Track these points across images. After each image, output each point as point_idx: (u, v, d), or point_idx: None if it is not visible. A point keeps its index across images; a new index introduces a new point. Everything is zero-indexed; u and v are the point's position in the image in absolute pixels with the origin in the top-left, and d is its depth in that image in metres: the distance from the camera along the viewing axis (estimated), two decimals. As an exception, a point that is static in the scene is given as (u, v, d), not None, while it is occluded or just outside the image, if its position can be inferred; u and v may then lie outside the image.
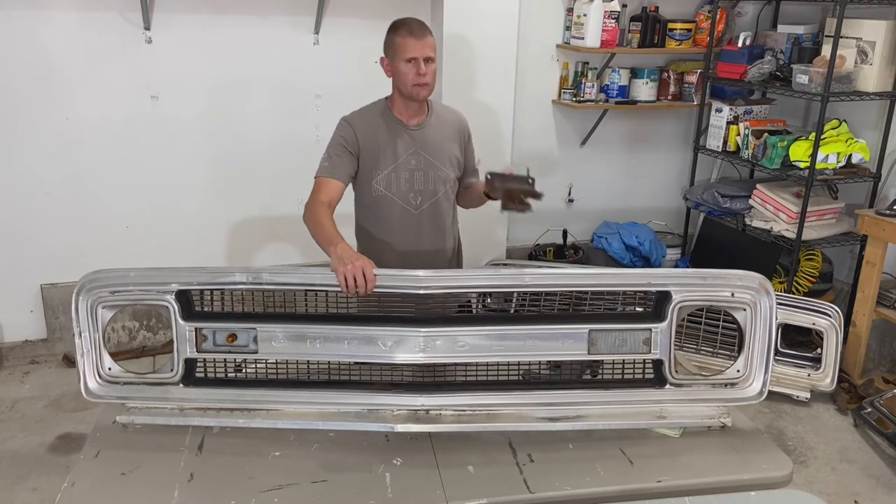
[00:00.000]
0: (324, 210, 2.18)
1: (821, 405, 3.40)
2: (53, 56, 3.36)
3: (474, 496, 1.65)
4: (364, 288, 1.83)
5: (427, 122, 2.38)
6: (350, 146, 2.31)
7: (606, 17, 3.87)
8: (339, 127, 2.35)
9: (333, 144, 2.33)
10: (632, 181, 4.57)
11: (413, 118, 2.36)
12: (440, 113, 2.44)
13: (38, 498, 2.70)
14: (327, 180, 2.28)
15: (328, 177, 2.28)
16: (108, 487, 1.67)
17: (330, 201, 2.24)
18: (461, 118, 2.49)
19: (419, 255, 2.40)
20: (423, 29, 2.26)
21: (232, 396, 1.90)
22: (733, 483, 1.74)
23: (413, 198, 2.38)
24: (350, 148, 2.31)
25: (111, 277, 1.85)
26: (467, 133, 2.49)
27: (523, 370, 2.00)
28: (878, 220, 3.44)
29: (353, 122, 2.34)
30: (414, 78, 2.24)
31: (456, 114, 2.49)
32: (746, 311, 1.88)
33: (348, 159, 2.31)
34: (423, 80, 2.25)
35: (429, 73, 2.25)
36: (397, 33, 2.26)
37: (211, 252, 3.86)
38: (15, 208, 3.49)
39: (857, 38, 3.58)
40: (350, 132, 2.32)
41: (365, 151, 2.33)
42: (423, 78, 2.24)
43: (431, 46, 2.26)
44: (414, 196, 2.38)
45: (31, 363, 3.67)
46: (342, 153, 2.31)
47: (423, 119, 2.38)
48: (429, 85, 2.28)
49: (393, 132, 2.34)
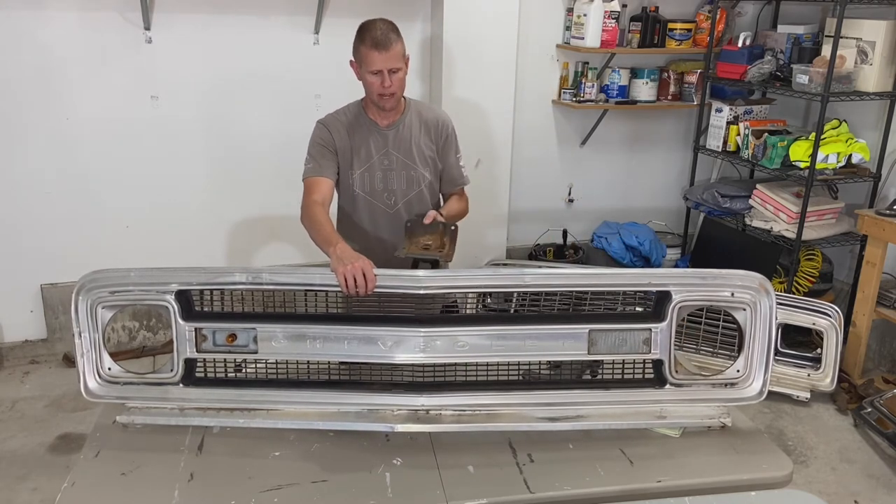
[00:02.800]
0: (319, 210, 2.20)
1: (821, 405, 3.40)
2: (53, 56, 3.36)
3: (474, 496, 1.65)
4: (364, 288, 1.83)
5: (400, 122, 2.38)
6: (328, 146, 2.34)
7: (606, 17, 3.87)
8: (316, 129, 2.38)
9: (314, 146, 2.36)
10: (632, 181, 4.57)
11: (386, 119, 2.37)
12: (420, 112, 2.43)
13: (38, 498, 2.70)
14: (316, 179, 2.30)
15: (316, 176, 2.30)
16: (108, 487, 1.67)
17: (323, 200, 2.26)
18: (441, 118, 2.45)
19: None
20: (388, 39, 2.21)
21: (232, 396, 1.90)
22: (733, 483, 1.74)
23: (388, 197, 2.40)
24: (329, 147, 2.34)
25: (111, 277, 1.85)
26: (445, 133, 2.45)
27: (523, 370, 2.00)
28: (878, 220, 3.44)
29: (327, 124, 2.37)
30: (379, 88, 2.25)
31: (436, 114, 2.47)
32: (746, 311, 1.88)
33: (331, 158, 2.34)
34: (387, 90, 2.25)
35: (394, 83, 2.25)
36: (363, 43, 2.23)
37: (211, 252, 3.86)
38: (15, 208, 3.49)
39: (857, 38, 3.58)
40: (326, 133, 2.35)
41: (341, 152, 2.36)
42: (388, 89, 2.24)
43: (397, 56, 2.23)
44: (388, 195, 2.40)
45: (31, 363, 3.67)
46: (324, 153, 2.33)
47: (397, 119, 2.38)
48: (395, 94, 2.28)
49: (366, 133, 2.36)
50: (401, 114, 2.39)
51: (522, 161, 4.23)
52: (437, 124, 2.43)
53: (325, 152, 2.34)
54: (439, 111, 2.50)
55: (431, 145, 2.43)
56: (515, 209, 4.28)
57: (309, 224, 2.19)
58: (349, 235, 2.37)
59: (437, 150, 2.44)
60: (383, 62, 2.21)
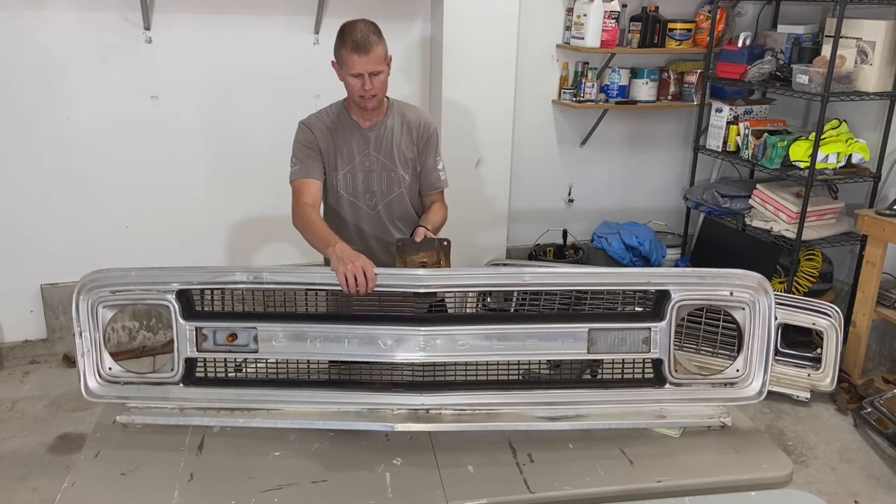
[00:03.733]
0: (311, 211, 2.20)
1: (821, 405, 3.40)
2: (53, 56, 3.36)
3: (474, 496, 1.65)
4: (365, 287, 1.83)
5: (382, 124, 2.37)
6: (312, 147, 2.33)
7: (606, 17, 3.87)
8: (299, 131, 2.37)
9: (298, 147, 2.35)
10: (632, 181, 4.57)
11: (368, 120, 2.36)
12: (403, 114, 2.41)
13: (38, 498, 2.70)
14: (304, 181, 2.30)
15: (304, 178, 2.30)
16: (108, 487, 1.67)
17: (314, 202, 2.26)
18: (423, 120, 2.42)
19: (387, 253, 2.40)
20: (368, 41, 2.18)
21: (232, 396, 1.90)
22: (733, 483, 1.74)
23: (369, 198, 2.40)
24: (313, 148, 2.33)
25: (112, 277, 1.85)
26: (427, 135, 2.41)
27: (523, 370, 2.00)
28: (878, 220, 3.44)
29: (310, 125, 2.37)
30: (360, 91, 2.24)
31: (419, 115, 2.44)
32: (745, 310, 1.88)
33: (316, 159, 2.33)
34: (368, 93, 2.23)
35: (375, 85, 2.23)
36: (344, 46, 2.21)
37: (211, 252, 3.86)
38: (15, 208, 3.49)
39: (857, 38, 3.58)
40: (309, 135, 2.35)
41: (325, 153, 2.35)
42: (369, 92, 2.23)
43: (378, 59, 2.21)
44: (370, 197, 2.40)
45: (31, 363, 3.67)
46: (309, 154, 2.33)
47: (379, 120, 2.37)
48: (377, 96, 2.26)
49: (347, 134, 2.36)
50: (383, 115, 2.38)
51: (522, 161, 4.23)
52: (419, 125, 2.41)
53: (311, 153, 2.33)
54: (423, 113, 2.47)
55: (412, 146, 2.41)
56: (515, 209, 4.28)
57: (303, 226, 2.18)
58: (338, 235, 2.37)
59: (417, 151, 2.42)
60: (363, 65, 2.19)
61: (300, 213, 2.22)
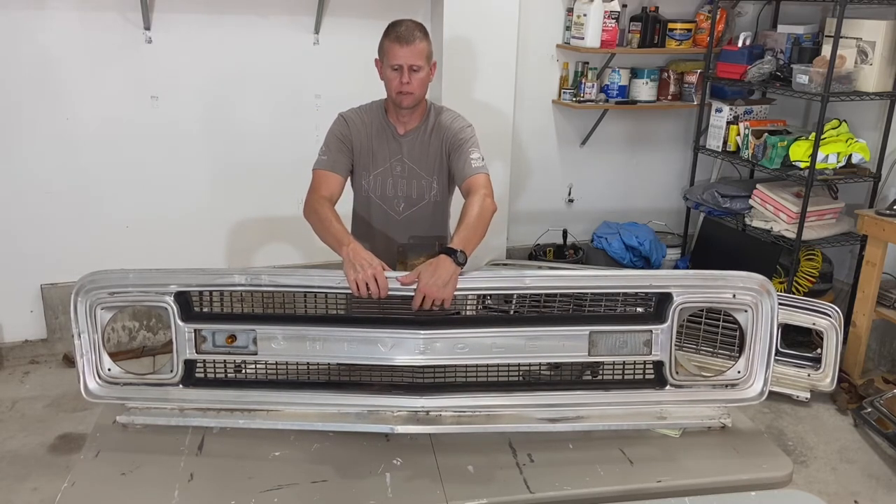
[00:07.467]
0: (327, 206, 2.15)
1: (821, 405, 3.39)
2: (53, 56, 3.36)
3: (474, 496, 1.65)
4: (377, 294, 1.83)
5: (418, 130, 2.33)
6: (346, 142, 2.30)
7: (606, 17, 3.87)
8: (336, 122, 2.34)
9: (331, 138, 2.31)
10: (632, 181, 4.57)
11: (404, 125, 2.33)
12: (441, 120, 2.34)
13: (38, 498, 2.70)
14: (327, 174, 2.25)
15: (328, 170, 2.26)
16: (108, 487, 1.67)
17: (331, 196, 2.21)
18: (458, 126, 2.33)
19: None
20: (413, 35, 2.17)
21: (232, 397, 1.90)
22: (733, 483, 1.74)
23: (396, 204, 2.38)
24: (346, 143, 2.30)
25: (110, 278, 1.85)
26: (458, 140, 2.30)
27: (523, 371, 2.00)
28: (878, 220, 3.44)
29: (349, 120, 2.33)
30: (397, 86, 2.20)
31: (457, 121, 2.35)
32: (748, 312, 1.88)
33: (346, 154, 2.30)
34: (405, 88, 2.19)
35: (413, 81, 2.19)
36: (388, 37, 2.20)
37: (210, 252, 3.85)
38: (15, 208, 3.49)
39: (857, 38, 3.58)
40: (346, 129, 2.31)
41: (357, 151, 2.32)
42: (406, 87, 2.19)
43: (420, 53, 2.18)
44: (398, 202, 2.37)
45: (31, 363, 3.67)
46: (340, 148, 2.29)
47: (415, 126, 2.33)
48: (413, 94, 2.21)
49: (383, 137, 2.33)
50: (419, 120, 2.33)
51: (522, 161, 4.23)
52: (453, 133, 2.31)
53: (342, 147, 2.29)
54: (460, 119, 2.37)
55: (445, 155, 2.34)
56: (515, 209, 4.28)
57: (316, 220, 2.12)
58: (363, 235, 2.36)
59: (447, 156, 2.34)
60: (404, 57, 2.16)
61: (315, 206, 2.15)
